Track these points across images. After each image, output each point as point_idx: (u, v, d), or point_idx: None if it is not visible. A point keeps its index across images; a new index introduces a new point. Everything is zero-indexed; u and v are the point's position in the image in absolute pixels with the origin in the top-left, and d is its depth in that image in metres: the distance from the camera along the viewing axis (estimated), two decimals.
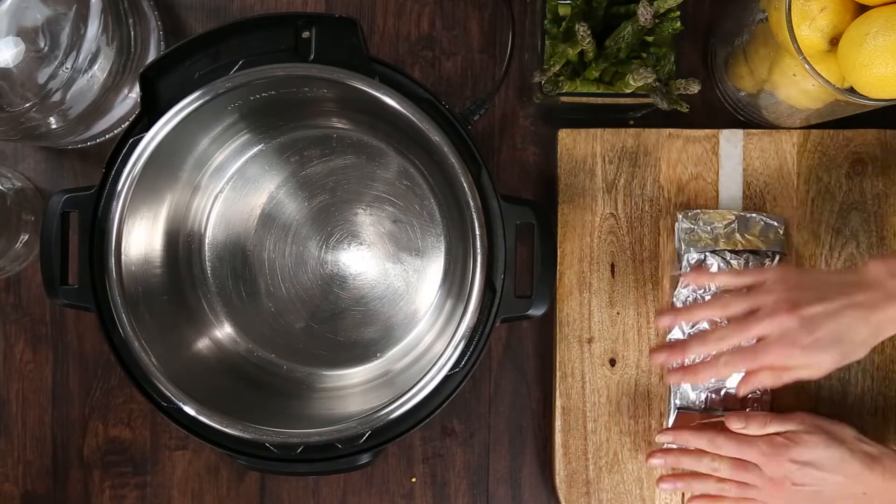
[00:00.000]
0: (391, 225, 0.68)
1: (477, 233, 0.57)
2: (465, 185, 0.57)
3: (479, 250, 0.57)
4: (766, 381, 0.58)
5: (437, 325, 0.66)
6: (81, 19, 0.58)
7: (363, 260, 0.68)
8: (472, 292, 0.57)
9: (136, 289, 0.60)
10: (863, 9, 0.57)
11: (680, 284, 0.67)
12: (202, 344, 0.67)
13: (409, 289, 0.69)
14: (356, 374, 0.68)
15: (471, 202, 0.57)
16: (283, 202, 0.69)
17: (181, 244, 0.68)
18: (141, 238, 0.62)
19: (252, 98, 0.61)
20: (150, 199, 0.61)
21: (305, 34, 0.58)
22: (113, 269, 0.57)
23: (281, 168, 0.68)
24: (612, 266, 0.69)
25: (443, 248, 0.68)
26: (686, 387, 0.67)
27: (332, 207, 0.68)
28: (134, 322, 0.58)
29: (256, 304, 0.69)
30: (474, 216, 0.57)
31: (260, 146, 0.68)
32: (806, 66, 0.54)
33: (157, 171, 0.60)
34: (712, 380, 0.67)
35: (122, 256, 0.58)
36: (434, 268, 0.68)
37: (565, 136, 0.69)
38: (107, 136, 0.69)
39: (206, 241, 0.69)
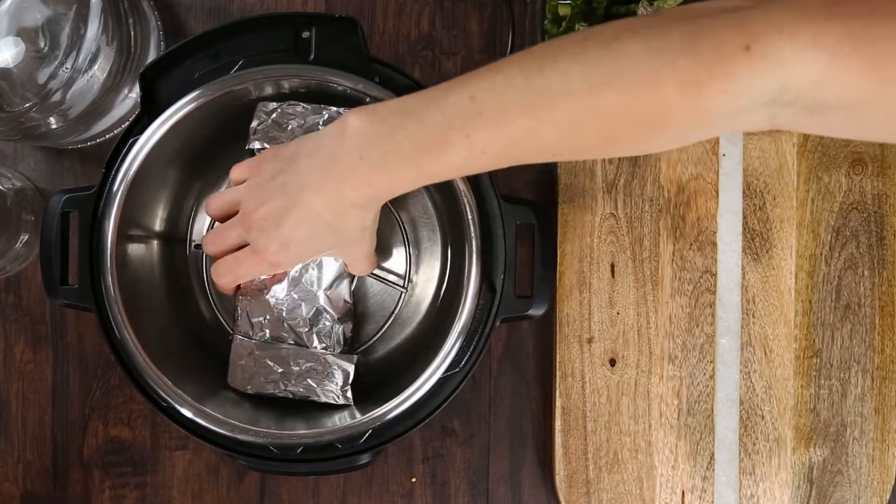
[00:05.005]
0: (389, 224, 0.68)
1: (472, 234, 0.57)
2: (460, 185, 0.57)
3: (475, 250, 0.57)
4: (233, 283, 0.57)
5: (436, 325, 0.66)
6: (81, 19, 0.58)
7: None
8: (468, 292, 0.57)
9: (136, 288, 0.60)
10: None
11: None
12: (202, 343, 0.67)
13: (408, 288, 0.69)
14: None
15: (466, 203, 0.57)
16: None
17: (181, 244, 0.68)
18: (141, 238, 0.62)
19: (251, 98, 0.61)
20: (149, 198, 0.61)
21: (305, 34, 0.58)
22: (113, 269, 0.57)
23: None
24: (612, 266, 0.69)
25: (441, 248, 0.68)
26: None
27: None
28: (134, 322, 0.58)
29: None
30: (469, 217, 0.57)
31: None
32: None
33: (157, 170, 0.60)
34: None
35: (122, 256, 0.58)
36: (433, 268, 0.68)
37: None
38: (107, 136, 0.69)
39: None
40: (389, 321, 0.69)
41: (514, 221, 0.58)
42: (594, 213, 0.69)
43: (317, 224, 0.51)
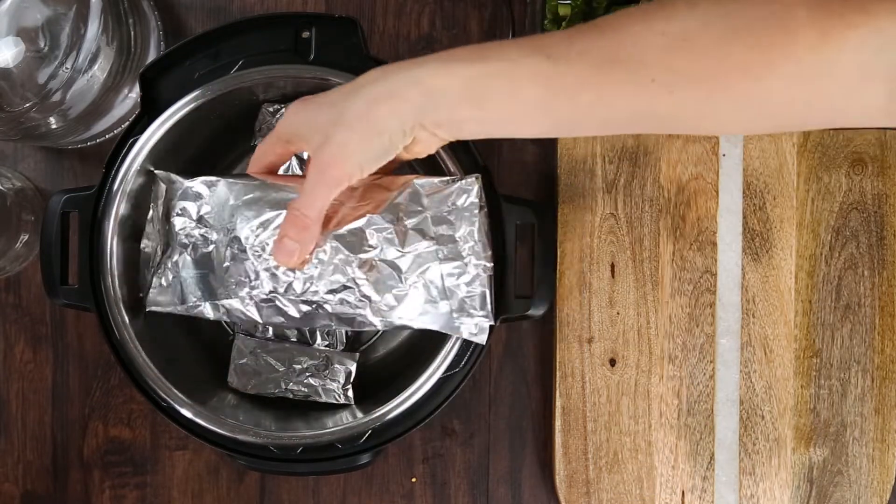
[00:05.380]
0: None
1: None
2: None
3: None
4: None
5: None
6: (81, 19, 0.58)
7: None
8: None
9: (135, 289, 0.60)
10: None
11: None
12: (202, 343, 0.67)
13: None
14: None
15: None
16: None
17: None
18: (141, 237, 0.61)
19: (251, 98, 0.61)
20: (149, 198, 0.61)
21: (305, 34, 0.58)
22: (113, 269, 0.57)
23: None
24: (612, 266, 0.69)
25: None
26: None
27: None
28: (134, 322, 0.58)
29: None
30: None
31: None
32: None
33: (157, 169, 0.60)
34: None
35: (122, 256, 0.58)
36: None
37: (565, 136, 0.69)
38: (107, 136, 0.69)
39: None
40: None
41: (514, 221, 0.58)
42: (594, 213, 0.69)
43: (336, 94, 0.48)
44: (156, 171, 0.58)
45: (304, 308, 0.54)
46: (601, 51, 0.43)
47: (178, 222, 0.56)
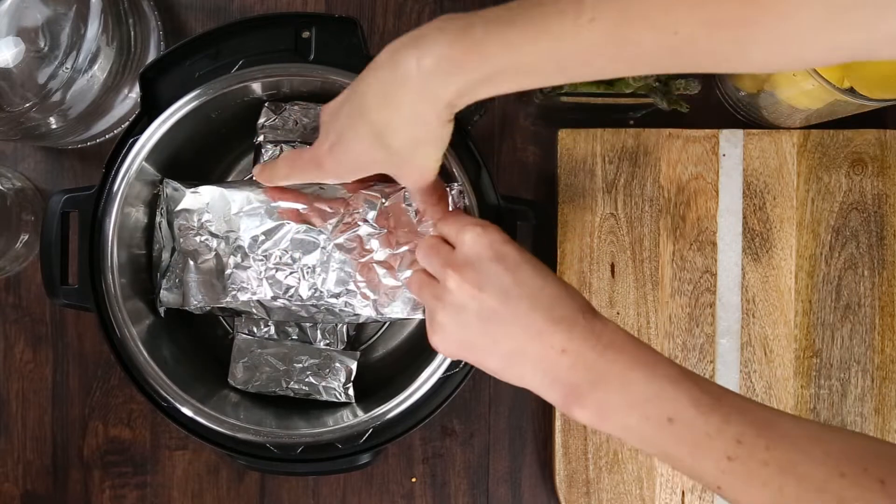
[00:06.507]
0: None
1: None
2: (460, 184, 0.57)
3: None
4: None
5: None
6: (81, 19, 0.58)
7: None
8: None
9: (136, 288, 0.60)
10: None
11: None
12: (203, 342, 0.67)
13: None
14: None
15: (466, 202, 0.57)
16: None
17: None
18: (141, 238, 0.62)
19: (252, 98, 0.61)
20: (149, 198, 0.61)
21: (305, 34, 0.58)
22: (113, 269, 0.57)
23: None
24: (612, 266, 0.69)
25: None
26: None
27: None
28: (134, 322, 0.58)
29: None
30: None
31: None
32: None
33: (157, 170, 0.60)
34: None
35: (122, 256, 0.58)
36: None
37: (565, 136, 0.69)
38: (107, 136, 0.69)
39: None
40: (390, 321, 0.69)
41: (514, 221, 0.58)
42: (594, 213, 0.69)
43: (367, 131, 0.48)
44: (160, 179, 0.61)
45: (312, 309, 0.60)
46: (613, 16, 0.40)
47: (180, 230, 0.60)
